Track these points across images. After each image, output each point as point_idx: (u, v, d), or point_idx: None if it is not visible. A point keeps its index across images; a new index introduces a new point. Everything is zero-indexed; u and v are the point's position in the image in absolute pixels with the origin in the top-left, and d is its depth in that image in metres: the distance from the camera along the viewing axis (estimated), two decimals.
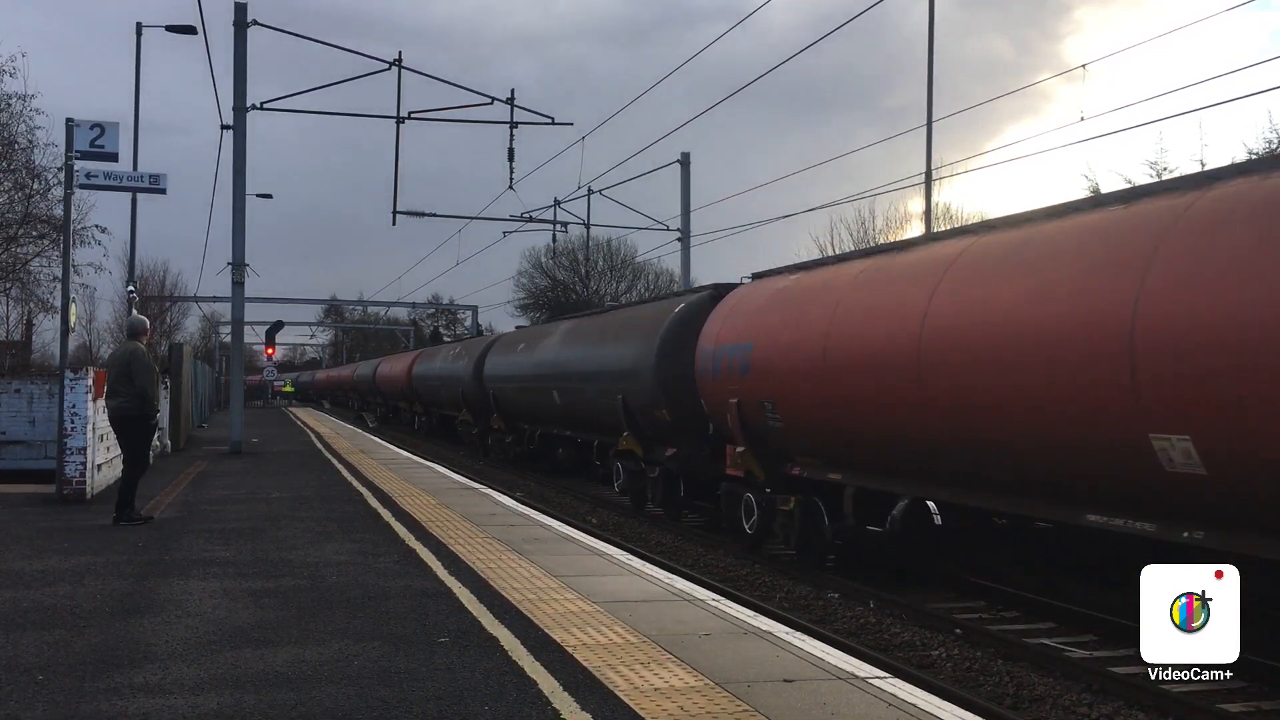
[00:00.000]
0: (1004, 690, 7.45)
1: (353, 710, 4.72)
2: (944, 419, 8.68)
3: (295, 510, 12.27)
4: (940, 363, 8.68)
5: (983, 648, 8.51)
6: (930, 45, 19.28)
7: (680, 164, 30.50)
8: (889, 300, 9.72)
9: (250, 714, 4.64)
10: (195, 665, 5.45)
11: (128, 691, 4.97)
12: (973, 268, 8.79)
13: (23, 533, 10.29)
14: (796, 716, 4.69)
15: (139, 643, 5.92)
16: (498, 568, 8.36)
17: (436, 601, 7.08)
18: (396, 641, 5.98)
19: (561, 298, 58.36)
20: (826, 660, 5.73)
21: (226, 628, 6.30)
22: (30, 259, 26.96)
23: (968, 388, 8.38)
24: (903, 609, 9.84)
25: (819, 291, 11.23)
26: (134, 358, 11.22)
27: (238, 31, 22.49)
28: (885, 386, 9.39)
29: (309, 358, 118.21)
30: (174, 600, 7.09)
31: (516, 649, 5.80)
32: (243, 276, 23.04)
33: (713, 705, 4.79)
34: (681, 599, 7.33)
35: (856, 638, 8.87)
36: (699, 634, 6.22)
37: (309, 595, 7.29)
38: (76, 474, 13.15)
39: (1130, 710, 6.90)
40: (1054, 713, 6.97)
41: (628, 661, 5.54)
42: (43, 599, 7.12)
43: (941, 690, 6.50)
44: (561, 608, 6.88)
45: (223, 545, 9.52)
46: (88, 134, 15.43)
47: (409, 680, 5.20)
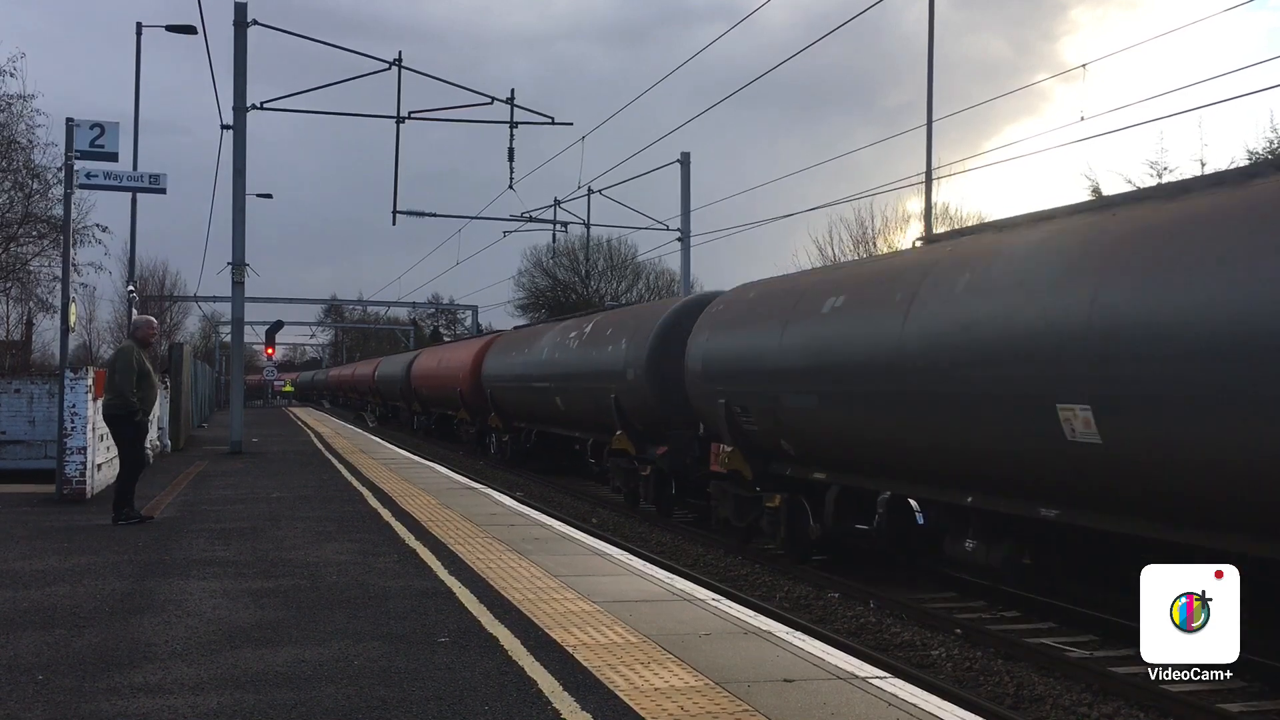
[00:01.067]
0: (1004, 690, 7.45)
1: (353, 710, 4.71)
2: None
3: (295, 510, 12.27)
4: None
5: (983, 647, 8.51)
6: (930, 45, 19.31)
7: (680, 164, 30.50)
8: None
9: (250, 714, 4.64)
10: (195, 665, 5.45)
11: (128, 691, 4.97)
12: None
13: (22, 533, 10.29)
14: (797, 716, 4.69)
15: (139, 643, 5.92)
16: (498, 567, 8.36)
17: (436, 601, 7.08)
18: (396, 641, 5.98)
19: (562, 298, 58.33)
20: (827, 660, 5.72)
21: (226, 628, 6.30)
22: (30, 259, 27.01)
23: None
24: (903, 609, 9.85)
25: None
26: (117, 356, 11.33)
27: (238, 31, 22.47)
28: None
29: (309, 357, 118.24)
30: (174, 600, 7.09)
31: (516, 649, 5.80)
32: (243, 276, 23.02)
33: (713, 705, 4.79)
34: (681, 599, 7.33)
35: (857, 638, 8.87)
36: (699, 634, 6.22)
37: (309, 595, 7.29)
38: (76, 474, 13.15)
39: (1131, 710, 6.90)
40: (1054, 713, 6.97)
41: (628, 661, 5.54)
42: (43, 599, 7.12)
43: (942, 690, 6.50)
44: (562, 607, 6.88)
45: (223, 545, 9.52)
46: (88, 134, 15.42)
47: (409, 680, 5.20)
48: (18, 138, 24.79)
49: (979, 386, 8.18)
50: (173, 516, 11.68)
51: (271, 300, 60.02)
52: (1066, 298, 7.38)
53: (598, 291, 57.84)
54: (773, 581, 11.38)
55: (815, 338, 10.72)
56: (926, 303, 8.93)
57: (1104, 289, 7.08)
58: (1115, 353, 6.85)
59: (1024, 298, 7.80)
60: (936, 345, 8.67)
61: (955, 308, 8.58)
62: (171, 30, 23.85)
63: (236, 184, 22.63)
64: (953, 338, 8.49)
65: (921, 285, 9.12)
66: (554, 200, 32.80)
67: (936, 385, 8.63)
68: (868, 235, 37.23)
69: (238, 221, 22.82)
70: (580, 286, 58.56)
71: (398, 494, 13.96)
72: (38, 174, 25.27)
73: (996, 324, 8.04)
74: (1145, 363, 6.65)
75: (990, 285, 8.32)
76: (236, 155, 22.58)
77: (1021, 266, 8.11)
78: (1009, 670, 7.86)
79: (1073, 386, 7.16)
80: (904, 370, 9.02)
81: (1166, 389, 6.52)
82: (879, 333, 9.47)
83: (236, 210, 22.77)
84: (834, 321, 10.43)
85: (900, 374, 9.07)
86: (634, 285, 58.11)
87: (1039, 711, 7.03)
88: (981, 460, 8.48)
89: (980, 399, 8.20)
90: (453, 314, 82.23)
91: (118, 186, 18.85)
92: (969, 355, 8.30)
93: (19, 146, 24.86)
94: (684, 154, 30.53)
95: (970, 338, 8.30)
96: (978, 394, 8.21)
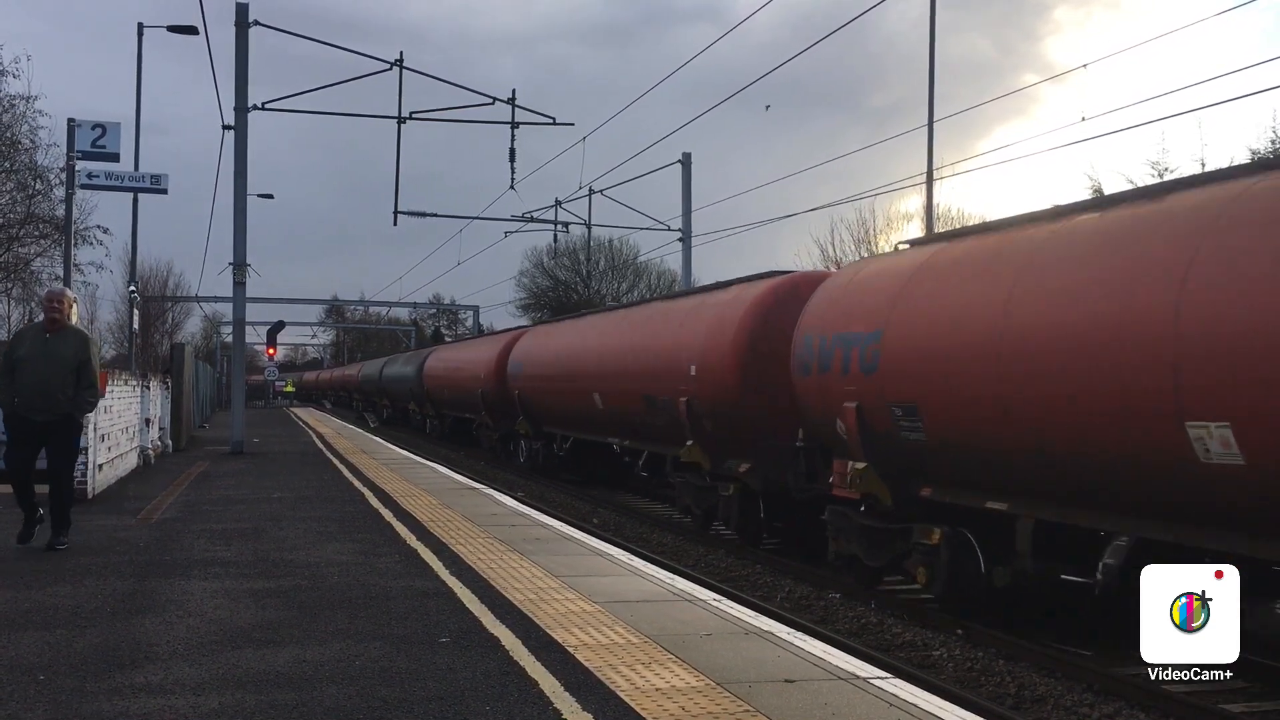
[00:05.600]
0: (1005, 690, 7.45)
1: (354, 710, 4.72)
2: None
3: (296, 510, 12.28)
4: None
5: (984, 648, 8.51)
6: (931, 46, 19.27)
7: (681, 164, 30.51)
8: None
9: (251, 714, 4.65)
10: (197, 665, 5.45)
11: (129, 692, 4.97)
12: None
13: None
14: (798, 717, 4.69)
15: (140, 643, 5.92)
16: (499, 568, 8.36)
17: (437, 601, 7.08)
18: (398, 641, 5.99)
19: (563, 298, 58.34)
20: (828, 660, 5.72)
21: (228, 628, 6.30)
22: (32, 259, 27.06)
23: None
24: (904, 609, 9.84)
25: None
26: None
27: (239, 31, 22.47)
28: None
29: (310, 358, 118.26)
30: (175, 600, 7.09)
31: (517, 649, 5.80)
32: (244, 277, 23.02)
33: (714, 705, 4.79)
34: (682, 599, 7.33)
35: (858, 638, 8.87)
36: (700, 634, 6.22)
37: (310, 595, 7.29)
38: (77, 474, 13.13)
39: (1131, 710, 6.91)
40: (1055, 713, 6.98)
41: (629, 661, 5.55)
42: (43, 599, 7.12)
43: (943, 691, 6.50)
44: (563, 608, 6.88)
45: (224, 545, 9.53)
46: (89, 134, 15.47)
47: (410, 680, 5.20)
48: (20, 139, 24.86)
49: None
50: (174, 517, 11.68)
51: (273, 300, 60.11)
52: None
53: (598, 292, 57.84)
54: (774, 582, 11.38)
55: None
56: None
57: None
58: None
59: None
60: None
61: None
62: (173, 31, 23.88)
63: (238, 184, 22.61)
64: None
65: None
66: (555, 201, 32.86)
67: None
68: (869, 235, 37.31)
69: (239, 222, 22.81)
70: (581, 287, 58.56)
71: (399, 494, 13.97)
72: (40, 174, 25.34)
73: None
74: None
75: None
76: (238, 156, 22.56)
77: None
78: (1010, 671, 7.86)
79: None
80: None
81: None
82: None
83: (238, 211, 22.75)
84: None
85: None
86: (635, 285, 58.11)
87: (1040, 712, 7.03)
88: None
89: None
90: (454, 314, 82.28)
91: (119, 187, 18.94)
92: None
93: (22, 147, 24.93)
94: (685, 154, 30.57)
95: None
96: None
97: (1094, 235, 7.78)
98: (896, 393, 9.23)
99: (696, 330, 14.13)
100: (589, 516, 16.53)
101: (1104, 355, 7.03)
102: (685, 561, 12.55)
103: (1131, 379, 6.79)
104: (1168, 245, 6.91)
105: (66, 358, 8.99)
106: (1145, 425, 6.71)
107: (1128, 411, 6.85)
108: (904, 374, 9.17)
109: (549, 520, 11.76)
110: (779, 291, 12.97)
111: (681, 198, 30.63)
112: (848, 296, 10.61)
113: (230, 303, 26.42)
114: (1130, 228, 7.48)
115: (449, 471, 18.58)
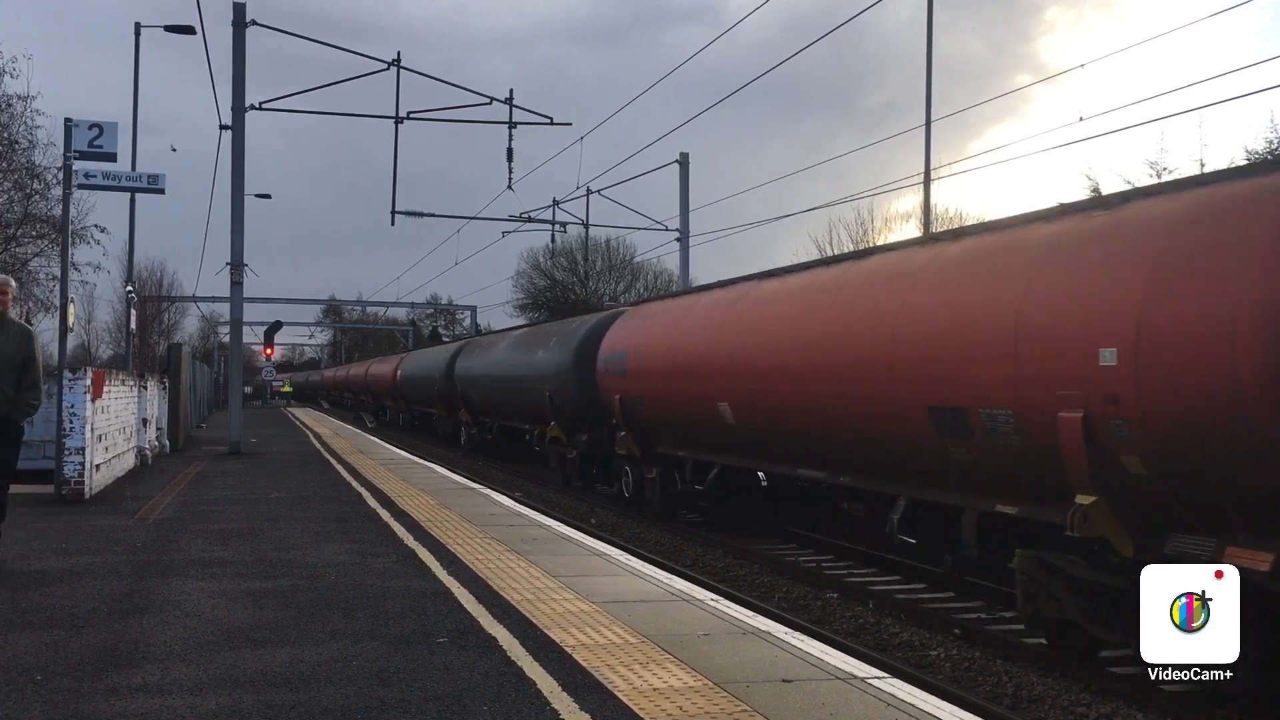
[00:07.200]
0: (1003, 690, 7.45)
1: (351, 710, 4.71)
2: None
3: (294, 510, 12.27)
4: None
5: (981, 647, 8.51)
6: (930, 46, 19.30)
7: (679, 164, 30.50)
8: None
9: (249, 714, 4.64)
10: (194, 665, 5.44)
11: (126, 692, 4.96)
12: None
13: (21, 533, 10.27)
14: (796, 717, 4.69)
15: (137, 643, 5.91)
16: (496, 568, 8.35)
17: (435, 601, 7.07)
18: (395, 642, 5.98)
19: (560, 298, 58.23)
20: (825, 660, 5.72)
21: (225, 628, 6.29)
22: (30, 259, 26.99)
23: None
24: (901, 608, 9.85)
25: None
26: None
27: (236, 31, 22.44)
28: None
29: (307, 358, 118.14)
30: (173, 600, 7.08)
31: (515, 649, 5.80)
32: (241, 277, 23.00)
33: (712, 705, 4.79)
34: (680, 599, 7.32)
35: (855, 638, 8.87)
36: (698, 634, 6.22)
37: (308, 595, 7.28)
38: (75, 474, 13.13)
39: (1130, 710, 6.90)
40: (1053, 713, 6.97)
41: (627, 661, 5.54)
42: (41, 599, 7.11)
43: (940, 690, 6.50)
44: (560, 608, 6.88)
45: (221, 545, 9.52)
46: (86, 134, 15.43)
47: (407, 680, 5.19)
48: (18, 138, 24.81)
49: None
50: (171, 517, 11.67)
51: (270, 300, 59.90)
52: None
53: (596, 292, 57.75)
54: (771, 582, 11.39)
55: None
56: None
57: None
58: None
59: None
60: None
61: None
62: (170, 31, 23.82)
63: (235, 184, 22.59)
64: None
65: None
66: (553, 200, 32.84)
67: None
68: (867, 234, 37.36)
69: (236, 222, 22.79)
70: (579, 287, 58.48)
71: (396, 494, 13.96)
72: (38, 174, 25.29)
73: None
74: None
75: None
76: (235, 156, 22.55)
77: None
78: (1007, 670, 7.86)
79: None
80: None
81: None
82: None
83: (235, 211, 22.74)
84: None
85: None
86: (633, 285, 58.05)
87: (1038, 711, 7.03)
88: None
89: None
90: (451, 314, 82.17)
91: (116, 187, 18.87)
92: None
93: (19, 147, 24.88)
94: (683, 154, 30.57)
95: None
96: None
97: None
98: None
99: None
100: (587, 517, 16.54)
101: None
102: (683, 561, 12.55)
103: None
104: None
105: (9, 355, 8.35)
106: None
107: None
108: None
109: (547, 520, 11.76)
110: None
111: (679, 197, 30.64)
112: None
113: (228, 302, 26.39)
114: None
115: (446, 471, 18.57)
